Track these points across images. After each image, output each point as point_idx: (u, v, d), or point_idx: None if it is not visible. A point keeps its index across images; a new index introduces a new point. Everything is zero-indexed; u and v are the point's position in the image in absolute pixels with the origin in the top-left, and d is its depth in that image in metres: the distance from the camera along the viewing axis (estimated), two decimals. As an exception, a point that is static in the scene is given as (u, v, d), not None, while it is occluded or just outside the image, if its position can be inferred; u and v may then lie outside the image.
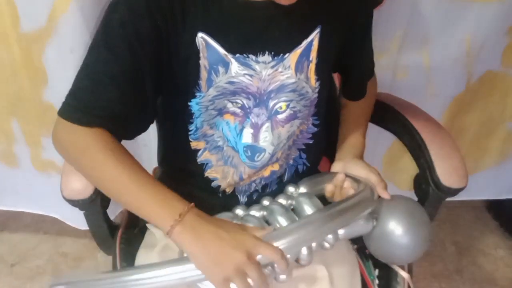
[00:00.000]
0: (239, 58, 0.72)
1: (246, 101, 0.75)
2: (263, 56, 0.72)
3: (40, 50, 1.07)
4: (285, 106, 0.77)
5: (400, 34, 1.17)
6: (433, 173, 0.82)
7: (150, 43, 0.68)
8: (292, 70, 0.75)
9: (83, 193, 0.78)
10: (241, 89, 0.74)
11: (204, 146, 0.81)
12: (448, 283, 1.52)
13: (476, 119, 1.39)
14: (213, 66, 0.72)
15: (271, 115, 0.77)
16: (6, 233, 1.65)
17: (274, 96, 0.75)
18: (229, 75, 0.73)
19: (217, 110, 0.76)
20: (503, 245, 1.65)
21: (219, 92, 0.74)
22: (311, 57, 0.76)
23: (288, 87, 0.75)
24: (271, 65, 0.73)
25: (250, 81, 0.73)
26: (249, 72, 0.73)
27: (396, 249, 0.73)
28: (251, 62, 0.72)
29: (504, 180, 1.57)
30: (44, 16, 1.01)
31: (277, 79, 0.74)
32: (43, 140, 1.27)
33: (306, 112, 0.80)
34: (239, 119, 0.77)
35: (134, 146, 1.36)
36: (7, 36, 1.05)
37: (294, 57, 0.74)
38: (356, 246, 0.89)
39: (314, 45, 0.75)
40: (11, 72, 1.12)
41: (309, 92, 0.78)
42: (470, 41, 1.19)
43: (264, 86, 0.74)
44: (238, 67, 0.72)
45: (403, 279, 0.86)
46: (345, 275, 0.79)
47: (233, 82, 0.73)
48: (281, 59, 0.73)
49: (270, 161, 0.81)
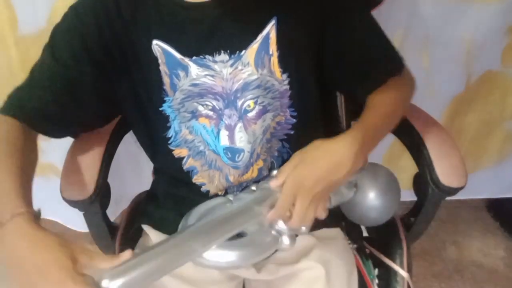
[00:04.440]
0: (197, 60, 0.72)
1: (215, 102, 0.75)
2: (219, 55, 0.72)
3: (39, 52, 1.07)
4: (253, 103, 0.76)
5: (400, 34, 1.17)
6: (432, 173, 0.82)
7: (97, 52, 0.71)
8: (252, 67, 0.73)
9: (83, 194, 0.78)
10: (207, 90, 0.74)
11: (187, 153, 0.81)
12: (448, 283, 1.52)
13: (476, 119, 1.39)
14: (173, 71, 0.73)
15: (242, 114, 0.76)
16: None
17: (240, 95, 0.75)
18: (191, 77, 0.73)
19: (190, 113, 0.76)
20: (503, 245, 1.65)
21: (186, 95, 0.74)
22: (271, 50, 0.73)
23: (252, 84, 0.74)
24: (229, 64, 0.72)
25: (213, 81, 0.73)
26: (209, 72, 0.73)
27: (369, 211, 0.79)
28: (209, 63, 0.72)
29: (503, 179, 1.57)
30: (44, 18, 1.01)
31: (239, 77, 0.73)
32: (42, 143, 1.27)
33: (278, 104, 0.78)
34: (214, 121, 0.76)
35: (134, 147, 1.36)
36: (5, 39, 1.05)
37: (251, 53, 0.73)
38: (356, 245, 0.89)
39: (271, 38, 0.72)
40: (9, 75, 1.12)
41: (275, 85, 0.76)
42: (470, 41, 1.19)
43: (228, 85, 0.74)
44: (198, 69, 0.73)
45: (403, 279, 0.86)
46: (342, 273, 0.79)
47: (197, 84, 0.73)
48: (238, 56, 0.72)
49: (252, 159, 0.80)
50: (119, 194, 1.32)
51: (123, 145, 0.94)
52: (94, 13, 0.71)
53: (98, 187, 0.79)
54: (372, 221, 0.82)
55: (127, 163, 1.40)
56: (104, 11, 0.71)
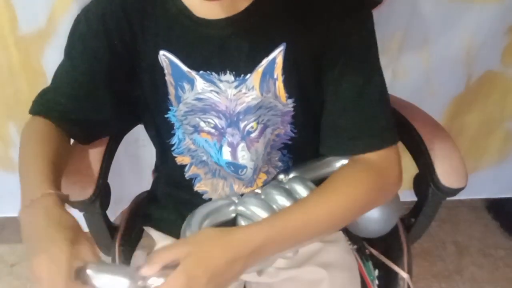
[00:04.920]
0: (203, 75, 0.70)
1: (218, 120, 0.73)
2: (224, 75, 0.70)
3: (39, 52, 1.07)
4: (256, 124, 0.73)
5: (400, 34, 1.17)
6: (432, 173, 0.82)
7: (106, 59, 0.71)
8: (257, 91, 0.70)
9: (83, 194, 0.78)
10: (210, 107, 0.72)
11: (190, 161, 0.81)
12: (448, 283, 1.52)
13: (476, 119, 1.39)
14: (178, 83, 0.72)
15: (244, 135, 0.74)
16: (6, 233, 1.66)
17: (243, 118, 0.73)
18: (196, 91, 0.72)
19: (192, 127, 0.76)
20: (503, 245, 1.65)
21: (189, 108, 0.73)
22: (275, 74, 0.70)
23: (255, 107, 0.72)
24: (234, 85, 0.70)
25: (218, 98, 0.71)
26: (215, 89, 0.71)
27: (370, 223, 0.79)
28: (215, 80, 0.70)
29: (503, 179, 1.58)
30: (44, 18, 1.01)
31: (243, 100, 0.71)
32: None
33: (278, 120, 0.74)
34: (216, 137, 0.75)
35: (134, 147, 1.36)
36: (4, 38, 1.05)
37: (256, 77, 0.70)
38: (356, 246, 0.89)
39: (277, 63, 0.69)
40: (9, 75, 1.12)
41: (278, 106, 0.73)
42: (470, 41, 1.19)
43: (232, 106, 0.72)
44: (204, 83, 0.71)
45: (403, 280, 0.86)
46: (345, 277, 0.79)
47: (201, 99, 0.72)
48: (243, 80, 0.70)
49: (255, 174, 0.79)
50: (119, 194, 1.32)
51: (123, 145, 0.94)
52: (103, 20, 0.70)
53: (98, 188, 0.79)
54: (373, 233, 0.82)
55: (127, 163, 1.41)
56: (113, 17, 0.70)
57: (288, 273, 0.79)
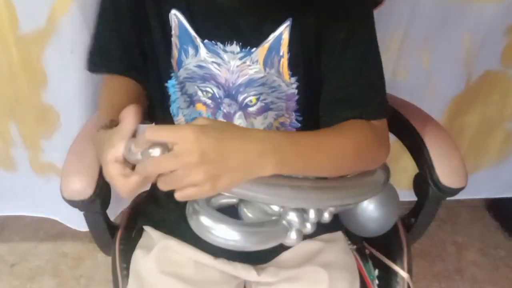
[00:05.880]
0: (208, 45, 0.72)
1: (216, 89, 0.75)
2: (231, 45, 0.72)
3: (39, 51, 1.07)
4: (255, 99, 0.75)
5: (400, 34, 1.17)
6: (432, 173, 0.82)
7: (129, 8, 0.73)
8: (261, 65, 0.72)
9: (83, 194, 0.78)
10: (210, 76, 0.74)
11: None
12: (448, 283, 1.53)
13: (476, 119, 1.40)
14: (183, 46, 0.73)
15: (242, 107, 0.76)
16: (6, 233, 1.65)
17: (243, 90, 0.74)
18: (199, 58, 0.73)
19: (189, 96, 0.77)
20: (503, 245, 1.65)
21: (189, 75, 0.75)
22: (282, 51, 0.72)
23: (257, 81, 0.74)
24: (239, 56, 0.72)
25: (218, 70, 0.73)
26: (217, 60, 0.73)
27: (369, 222, 0.78)
28: (219, 50, 0.72)
29: (503, 179, 1.58)
30: (44, 17, 1.01)
31: (245, 72, 0.73)
32: (42, 142, 1.27)
33: (283, 105, 0.76)
34: (211, 110, 0.77)
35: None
36: (5, 37, 1.04)
37: (262, 52, 0.72)
38: (355, 246, 0.89)
39: (283, 39, 0.71)
40: (9, 74, 1.12)
41: (282, 86, 0.75)
42: (470, 40, 1.19)
43: (232, 78, 0.74)
44: (207, 53, 0.73)
45: (403, 279, 0.86)
46: (345, 277, 0.79)
47: (202, 67, 0.74)
48: (249, 52, 0.72)
49: None
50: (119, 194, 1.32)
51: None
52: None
53: (98, 187, 0.79)
54: (372, 232, 0.82)
55: (127, 162, 1.40)
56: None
57: (288, 273, 0.79)
